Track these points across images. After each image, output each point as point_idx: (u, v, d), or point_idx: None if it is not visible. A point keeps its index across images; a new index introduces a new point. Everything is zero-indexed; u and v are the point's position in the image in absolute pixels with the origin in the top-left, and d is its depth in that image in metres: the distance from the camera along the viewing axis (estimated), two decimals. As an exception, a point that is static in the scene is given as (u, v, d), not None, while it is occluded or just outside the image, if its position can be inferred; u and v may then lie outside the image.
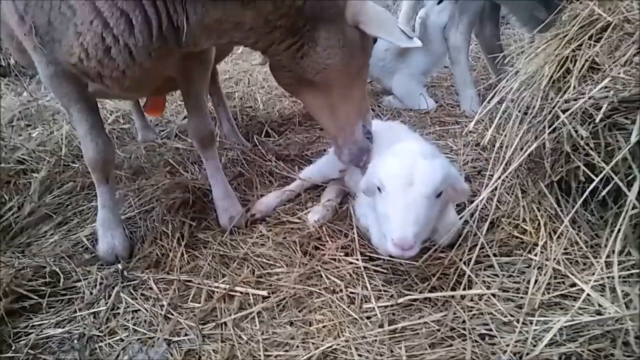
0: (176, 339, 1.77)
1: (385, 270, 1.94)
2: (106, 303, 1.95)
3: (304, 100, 2.23)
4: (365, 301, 1.81)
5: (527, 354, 1.47)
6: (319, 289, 1.89)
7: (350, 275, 1.93)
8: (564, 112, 1.86)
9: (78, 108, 2.06)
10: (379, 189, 1.80)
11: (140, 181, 2.79)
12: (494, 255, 1.90)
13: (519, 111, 2.09)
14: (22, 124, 3.35)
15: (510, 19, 4.39)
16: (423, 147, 1.90)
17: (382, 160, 1.87)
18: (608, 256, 1.71)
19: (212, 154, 2.42)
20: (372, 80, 4.32)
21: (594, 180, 1.73)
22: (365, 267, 1.94)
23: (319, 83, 2.02)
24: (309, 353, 1.61)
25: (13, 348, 1.77)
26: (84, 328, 1.84)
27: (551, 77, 1.99)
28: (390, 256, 1.96)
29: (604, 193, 1.78)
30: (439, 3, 3.74)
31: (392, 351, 1.58)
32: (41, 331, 1.85)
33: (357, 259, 1.98)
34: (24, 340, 1.81)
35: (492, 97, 2.16)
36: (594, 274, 1.69)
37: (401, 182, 1.71)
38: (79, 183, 2.78)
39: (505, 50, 4.19)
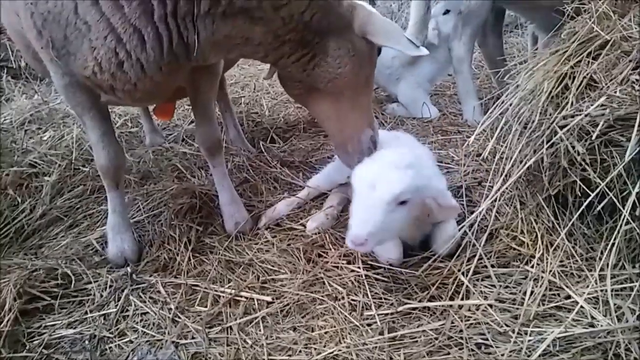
0: (183, 341, 1.84)
1: (386, 279, 2.00)
2: (116, 305, 2.02)
3: (313, 109, 2.29)
4: (366, 308, 1.87)
5: (521, 363, 1.53)
6: (322, 296, 1.95)
7: (352, 282, 2.00)
8: (561, 127, 1.92)
9: (91, 116, 2.13)
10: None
11: (148, 186, 2.86)
12: (492, 266, 1.96)
13: (519, 125, 2.15)
14: (34, 127, 3.43)
15: (527, 25, 4.43)
16: (402, 157, 1.93)
17: (362, 163, 1.98)
18: (602, 269, 1.77)
19: (219, 160, 2.49)
20: (377, 88, 4.38)
21: (590, 195, 1.79)
22: (366, 275, 2.01)
23: (329, 92, 2.07)
24: (311, 358, 1.67)
25: (27, 347, 1.85)
26: (95, 329, 1.92)
27: (550, 93, 2.05)
28: (391, 265, 2.03)
29: (599, 208, 1.85)
30: (444, 14, 3.80)
31: (391, 358, 1.64)
32: (54, 331, 1.92)
33: (359, 267, 2.04)
34: (37, 340, 1.89)
35: (493, 110, 2.23)
36: (588, 286, 1.75)
37: (365, 185, 1.83)
38: (89, 187, 2.86)
39: (509, 58, 4.26)
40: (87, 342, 1.88)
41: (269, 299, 1.97)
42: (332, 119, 2.18)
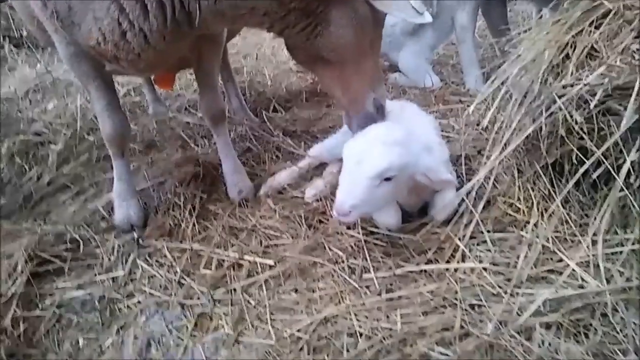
0: (189, 302, 1.91)
1: (384, 244, 2.06)
2: (124, 268, 2.10)
3: (318, 75, 2.32)
4: (365, 272, 1.94)
5: (512, 322, 1.60)
6: (322, 260, 2.02)
7: (352, 247, 2.06)
8: (560, 97, 1.94)
9: (95, 86, 2.16)
10: None
11: (153, 154, 2.91)
12: (488, 231, 2.01)
13: (519, 94, 2.17)
14: (38, 96, 3.45)
15: None
16: (391, 133, 1.95)
17: (352, 138, 2.03)
18: (595, 235, 1.82)
19: (222, 130, 2.52)
20: (380, 56, 4.36)
21: (586, 163, 1.83)
22: (365, 240, 2.06)
23: (333, 59, 2.09)
24: (312, 318, 1.75)
25: (40, 307, 1.93)
26: (104, 291, 2.00)
27: (550, 62, 2.06)
28: (389, 230, 2.09)
29: (595, 176, 1.89)
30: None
31: (388, 317, 1.72)
32: (64, 293, 2.00)
33: (359, 233, 2.10)
34: (49, 300, 1.97)
35: (494, 79, 2.24)
36: (580, 251, 1.80)
37: (353, 159, 1.88)
38: (94, 155, 2.91)
39: (513, 27, 4.22)
40: (97, 302, 1.96)
41: (271, 262, 2.04)
42: (337, 85, 2.19)
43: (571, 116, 1.91)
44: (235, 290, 1.94)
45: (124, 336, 1.82)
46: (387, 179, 1.84)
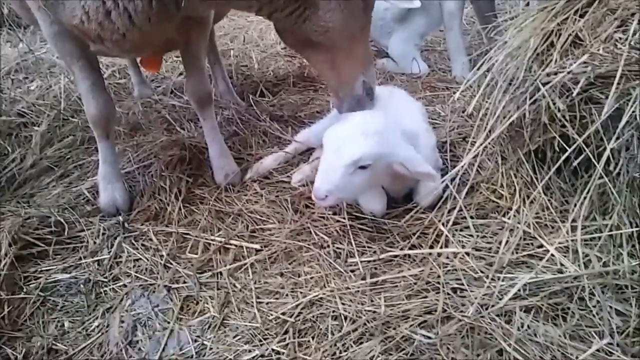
0: (175, 285, 1.93)
1: (369, 229, 2.09)
2: (109, 252, 2.10)
3: (308, 58, 2.34)
4: (350, 256, 1.96)
5: (493, 305, 1.64)
6: (308, 244, 2.04)
7: (337, 232, 2.08)
8: (544, 84, 1.96)
9: (80, 66, 2.13)
10: None
11: (138, 137, 2.89)
12: (471, 217, 2.05)
13: (504, 81, 2.19)
14: (21, 76, 3.39)
15: None
16: (370, 122, 1.98)
17: (334, 125, 2.06)
18: (574, 221, 1.86)
19: (209, 113, 2.51)
20: (371, 41, 4.34)
21: (567, 150, 1.86)
22: (351, 225, 2.09)
23: (322, 43, 2.09)
24: (297, 301, 1.77)
25: (24, 290, 1.93)
26: (89, 274, 2.00)
27: (535, 50, 2.08)
28: (374, 215, 2.11)
29: (575, 163, 1.92)
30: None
31: (372, 301, 1.75)
32: (49, 276, 2.00)
33: (344, 218, 2.12)
34: (33, 283, 1.97)
35: (480, 66, 2.25)
36: (560, 236, 1.85)
37: (332, 146, 1.93)
38: (78, 137, 2.87)
39: (500, 14, 4.23)
40: (82, 285, 1.97)
41: (257, 246, 2.06)
42: (326, 68, 2.20)
43: (554, 104, 1.93)
44: (221, 274, 1.96)
45: (109, 319, 1.83)
46: (363, 167, 1.88)
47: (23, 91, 3.17)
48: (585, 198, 1.85)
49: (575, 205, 1.89)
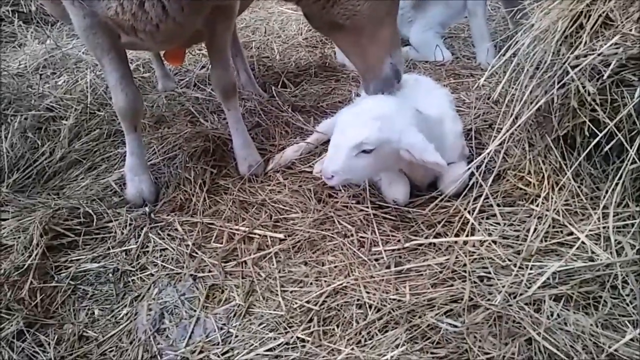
0: (201, 274, 1.95)
1: (393, 218, 2.07)
2: (136, 242, 2.13)
3: (336, 41, 2.38)
4: (374, 245, 1.95)
5: (521, 294, 1.61)
6: (332, 233, 2.03)
7: (361, 221, 2.07)
8: (573, 68, 1.91)
9: (110, 59, 2.16)
10: None
11: (162, 130, 2.92)
12: (498, 205, 2.01)
13: (531, 66, 2.13)
14: (48, 72, 3.46)
15: None
16: (377, 108, 1.99)
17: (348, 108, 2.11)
18: (606, 208, 1.81)
19: (233, 104, 2.52)
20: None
21: (598, 135, 1.81)
22: (374, 214, 2.07)
23: (349, 26, 2.10)
24: (321, 289, 1.77)
25: (55, 279, 1.98)
26: (118, 263, 2.03)
27: (564, 32, 2.02)
28: (397, 204, 2.09)
29: (607, 148, 1.86)
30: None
31: (397, 289, 1.74)
32: (79, 265, 2.04)
33: (368, 207, 2.11)
34: (64, 272, 2.02)
35: (506, 51, 2.20)
36: (590, 224, 1.80)
37: (340, 127, 1.98)
38: (105, 130, 2.92)
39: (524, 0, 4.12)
40: (110, 275, 2.00)
41: (281, 236, 2.06)
42: (354, 51, 2.23)
43: (584, 87, 1.88)
44: (245, 263, 1.97)
45: (137, 307, 1.86)
46: (366, 151, 1.88)
47: (51, 86, 3.24)
48: (617, 184, 1.80)
49: (606, 191, 1.84)
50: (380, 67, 2.18)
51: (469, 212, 1.98)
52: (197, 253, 2.05)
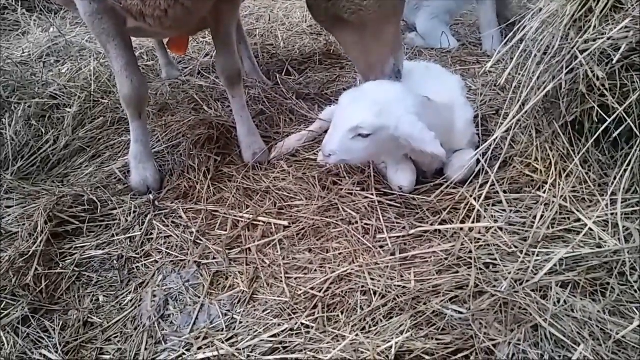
0: (205, 261, 1.94)
1: (398, 205, 2.05)
2: (141, 229, 2.13)
3: (338, 37, 2.33)
4: (379, 232, 1.94)
5: (527, 280, 1.60)
6: (336, 221, 2.02)
7: (366, 208, 2.05)
8: (582, 52, 1.87)
9: (115, 45, 2.15)
10: None
11: (166, 117, 2.91)
12: (504, 192, 1.99)
13: (539, 51, 2.10)
14: (52, 59, 3.45)
15: None
16: (377, 93, 1.98)
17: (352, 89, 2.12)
18: (614, 194, 1.78)
19: (238, 91, 2.50)
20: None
21: (607, 121, 1.78)
22: (379, 202, 2.06)
23: (354, 22, 2.07)
24: (326, 276, 1.76)
25: (60, 266, 1.98)
26: (122, 250, 2.03)
27: (572, 16, 1.98)
28: (402, 191, 2.08)
29: (616, 134, 1.84)
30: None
31: (402, 276, 1.73)
32: (84, 252, 2.05)
33: (372, 194, 2.09)
34: (69, 259, 2.02)
35: (512, 35, 2.16)
36: (598, 210, 1.78)
37: (340, 110, 2.01)
38: (109, 118, 2.92)
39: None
40: (115, 261, 2.01)
41: (285, 223, 2.05)
42: (356, 48, 2.20)
43: (593, 72, 1.84)
44: (250, 250, 1.96)
45: (142, 294, 1.86)
46: (363, 136, 1.89)
47: (55, 74, 3.23)
48: (625, 170, 1.77)
49: (615, 178, 1.81)
50: (382, 67, 2.15)
51: (475, 198, 1.96)
52: (201, 240, 2.04)
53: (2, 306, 1.81)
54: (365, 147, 1.92)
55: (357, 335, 1.53)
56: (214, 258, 1.96)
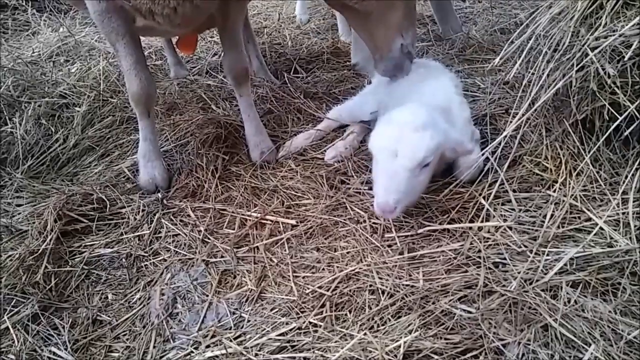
0: (213, 260, 1.95)
1: (407, 203, 2.04)
2: (149, 227, 2.13)
3: (348, 18, 2.42)
4: (387, 231, 1.93)
5: (537, 280, 1.58)
6: (344, 219, 2.01)
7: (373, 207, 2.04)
8: (592, 49, 1.85)
9: (124, 43, 2.16)
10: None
11: (175, 116, 2.92)
12: (513, 191, 1.97)
13: (549, 48, 2.08)
14: (62, 59, 3.47)
15: None
16: (417, 117, 1.88)
17: (377, 128, 1.96)
18: (625, 193, 1.76)
19: (245, 90, 2.50)
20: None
21: (618, 119, 1.76)
22: (388, 200, 2.05)
23: (361, 8, 2.11)
24: (333, 275, 1.76)
25: (70, 264, 1.99)
26: (131, 249, 2.04)
27: (583, 12, 1.96)
28: None
29: (627, 132, 1.81)
30: None
31: (410, 275, 1.72)
32: (93, 250, 2.06)
33: (381, 192, 2.08)
34: (78, 257, 2.03)
35: (522, 31, 2.14)
36: (609, 209, 1.76)
37: (386, 153, 1.82)
38: (117, 117, 2.93)
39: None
40: (124, 260, 2.01)
41: (293, 222, 2.05)
42: (364, 29, 2.25)
43: (604, 70, 1.82)
44: (257, 248, 1.96)
45: (150, 292, 1.86)
46: (426, 165, 1.81)
47: (64, 74, 3.25)
48: (637, 169, 1.75)
49: (626, 176, 1.80)
50: (389, 47, 2.19)
51: (484, 197, 1.95)
52: (209, 239, 2.04)
53: (12, 304, 1.82)
54: (427, 175, 1.87)
55: (365, 334, 1.52)
56: (222, 256, 1.96)
